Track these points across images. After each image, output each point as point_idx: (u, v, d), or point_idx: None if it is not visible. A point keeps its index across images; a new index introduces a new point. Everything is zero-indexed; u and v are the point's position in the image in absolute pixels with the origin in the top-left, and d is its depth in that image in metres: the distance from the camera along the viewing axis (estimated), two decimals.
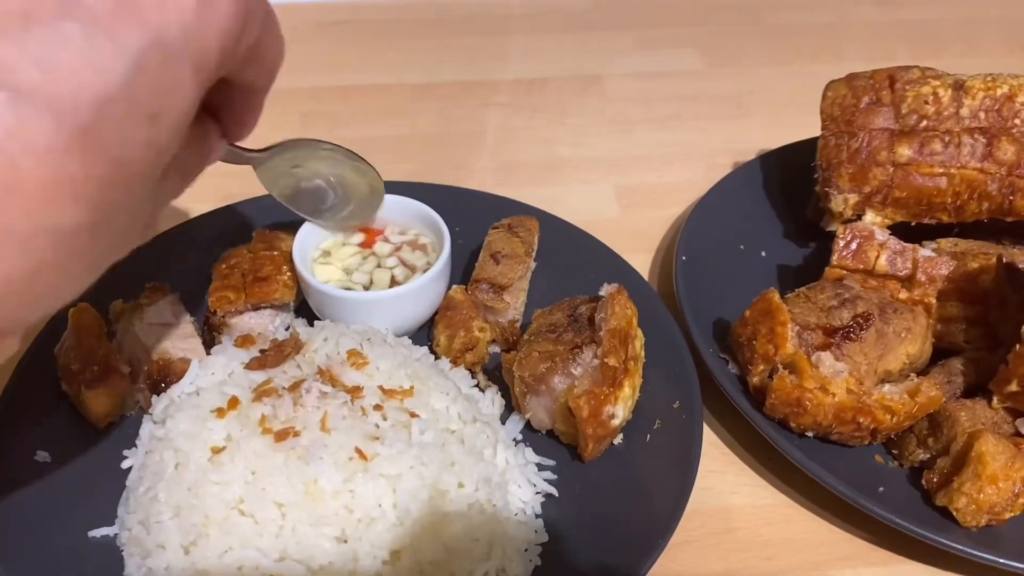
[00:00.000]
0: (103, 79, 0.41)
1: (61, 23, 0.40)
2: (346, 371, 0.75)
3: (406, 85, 1.38)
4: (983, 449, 0.72)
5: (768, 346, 0.80)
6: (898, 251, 0.88)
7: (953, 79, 0.93)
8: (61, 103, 0.40)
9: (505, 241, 0.94)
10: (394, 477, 0.67)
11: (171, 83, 0.44)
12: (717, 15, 1.58)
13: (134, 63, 0.42)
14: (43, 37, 0.40)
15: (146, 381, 0.81)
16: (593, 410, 0.76)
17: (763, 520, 0.81)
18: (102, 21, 0.41)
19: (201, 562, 0.64)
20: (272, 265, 0.89)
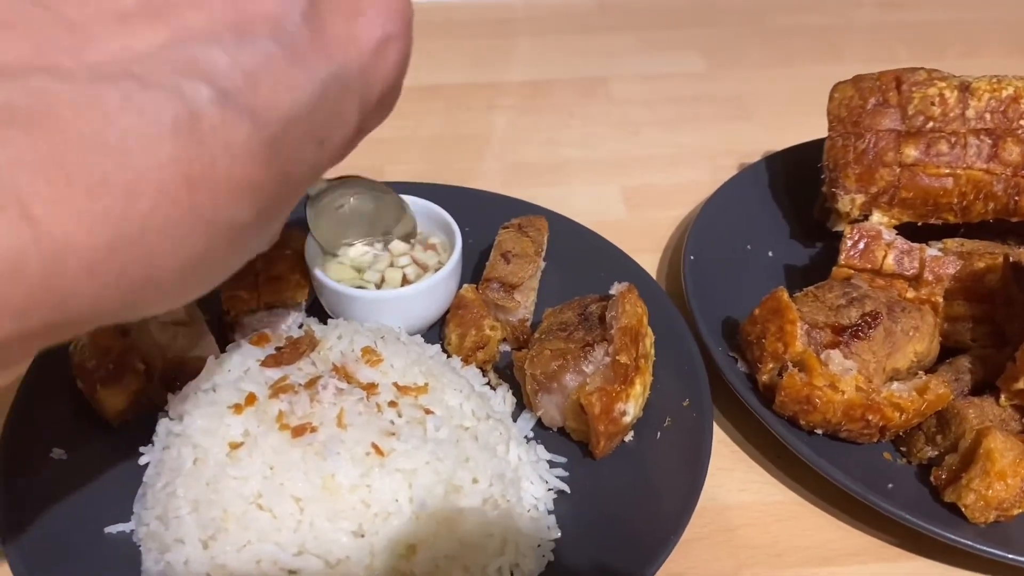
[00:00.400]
0: (294, 98, 0.45)
1: (267, 42, 0.44)
2: (361, 368, 0.76)
3: (412, 86, 1.36)
4: (992, 446, 0.73)
5: (777, 344, 0.81)
6: (905, 251, 0.89)
7: (959, 81, 0.94)
8: (258, 112, 0.43)
9: (515, 241, 0.95)
10: (410, 472, 0.68)
11: (342, 114, 0.49)
12: (718, 17, 1.59)
13: (320, 90, 0.46)
14: (251, 51, 0.43)
15: (160, 379, 0.82)
16: (605, 407, 0.77)
17: (772, 517, 0.82)
18: (300, 48, 0.45)
19: (220, 556, 0.64)
20: (285, 264, 0.90)
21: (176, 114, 0.40)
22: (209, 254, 0.44)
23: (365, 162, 1.21)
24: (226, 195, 0.42)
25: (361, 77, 0.49)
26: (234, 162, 0.42)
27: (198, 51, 0.42)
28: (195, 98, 0.41)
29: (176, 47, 0.42)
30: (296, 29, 0.45)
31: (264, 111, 0.43)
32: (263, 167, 0.44)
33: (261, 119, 0.43)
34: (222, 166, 0.42)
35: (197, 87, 0.41)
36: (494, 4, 1.60)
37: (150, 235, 0.40)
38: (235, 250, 0.47)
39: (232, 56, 0.43)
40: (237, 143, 0.42)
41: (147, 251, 0.40)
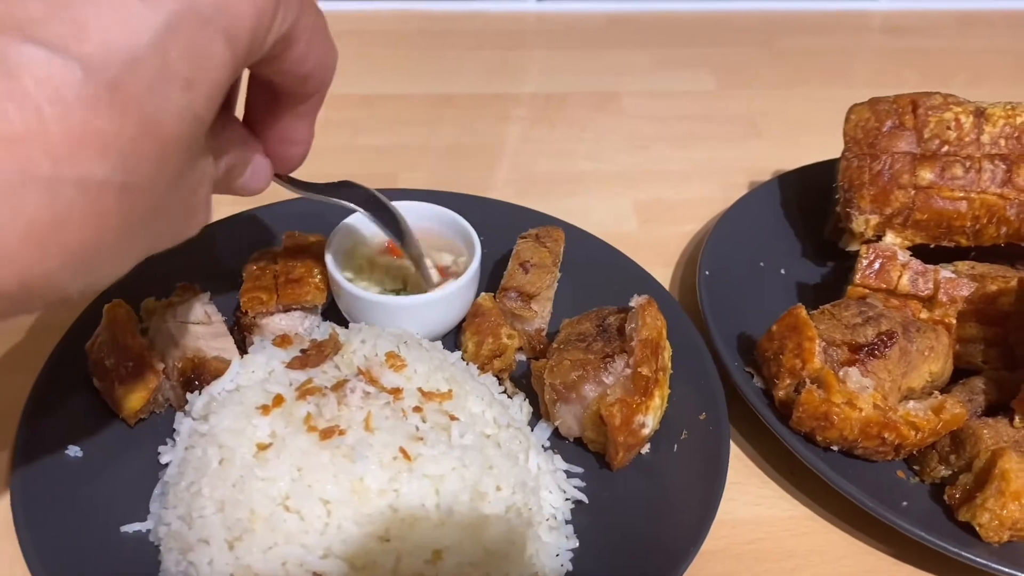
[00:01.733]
0: (134, 37, 0.42)
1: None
2: (385, 373, 0.76)
3: (426, 96, 1.40)
4: (1007, 467, 0.74)
5: (795, 361, 0.82)
6: (920, 272, 0.90)
7: (974, 106, 0.96)
8: (91, 57, 0.40)
9: (533, 251, 0.95)
10: (437, 478, 0.68)
11: (204, 50, 0.45)
12: (729, 37, 1.61)
13: (166, 25, 0.43)
14: None
15: (178, 379, 0.82)
16: (625, 418, 0.77)
17: (786, 532, 0.83)
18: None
19: (245, 557, 0.64)
20: (304, 267, 0.90)
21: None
22: (70, 217, 0.41)
23: (380, 169, 1.23)
24: (65, 149, 0.40)
25: (220, 8, 0.45)
26: (67, 113, 0.40)
27: (11, 3, 0.40)
28: (8, 53, 0.39)
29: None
30: None
31: (98, 55, 0.41)
32: (106, 114, 0.41)
33: (95, 64, 0.41)
34: (53, 118, 0.39)
35: (11, 40, 0.39)
36: (508, 16, 1.61)
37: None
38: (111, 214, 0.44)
39: (53, 7, 0.40)
40: (68, 93, 0.40)
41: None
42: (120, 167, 0.42)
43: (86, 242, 0.43)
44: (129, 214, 0.45)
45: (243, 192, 0.66)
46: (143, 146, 0.43)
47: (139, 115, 0.43)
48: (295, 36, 0.54)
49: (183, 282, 0.90)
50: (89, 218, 0.42)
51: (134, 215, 0.45)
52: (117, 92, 0.41)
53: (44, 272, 0.42)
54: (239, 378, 0.77)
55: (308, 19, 0.54)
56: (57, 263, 0.42)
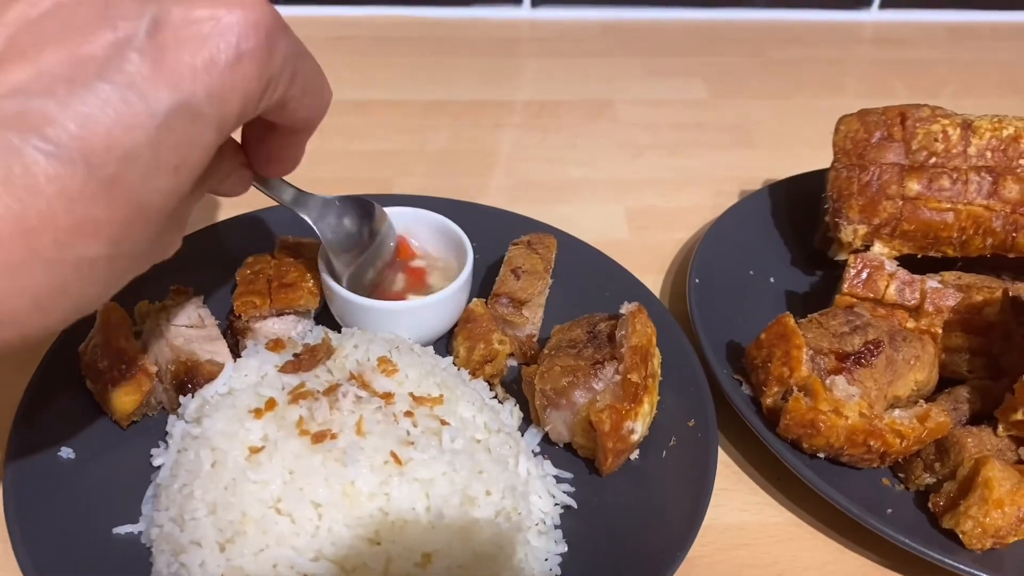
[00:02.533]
0: (132, 136, 0.47)
1: (100, 85, 0.46)
2: (377, 377, 0.76)
3: (419, 102, 1.40)
4: (990, 475, 0.75)
5: (783, 368, 0.83)
6: (907, 282, 0.91)
7: (962, 118, 0.97)
8: (92, 156, 0.46)
9: (525, 257, 0.96)
10: (427, 482, 0.69)
11: (194, 140, 0.51)
12: (721, 47, 1.62)
13: (162, 124, 0.48)
14: (83, 97, 0.46)
15: (171, 381, 0.82)
16: (614, 424, 0.78)
17: (772, 538, 0.84)
18: (138, 84, 0.48)
19: (236, 559, 0.65)
20: (297, 272, 0.91)
21: (6, 169, 0.44)
22: (67, 286, 0.49)
23: (374, 175, 1.24)
24: (68, 236, 0.47)
25: (211, 101, 0.50)
26: (72, 205, 0.46)
27: (28, 104, 0.46)
28: (26, 151, 0.45)
29: (4, 103, 0.46)
30: (133, 66, 0.48)
31: (100, 153, 0.46)
32: (103, 205, 0.47)
33: (97, 161, 0.46)
34: (59, 211, 0.46)
35: (27, 140, 0.45)
36: (501, 24, 1.62)
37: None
38: (100, 278, 0.51)
39: (63, 104, 0.46)
40: (73, 188, 0.46)
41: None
42: (111, 244, 0.49)
43: (77, 303, 0.51)
44: (116, 274, 0.53)
45: (221, 195, 0.72)
46: (132, 225, 0.50)
47: (130, 202, 0.49)
48: (286, 101, 0.58)
49: (177, 285, 0.91)
50: (82, 287, 0.50)
51: (120, 273, 0.53)
52: (113, 185, 0.47)
53: (42, 328, 0.50)
54: (232, 381, 0.78)
55: (299, 82, 0.58)
56: (54, 321, 0.51)
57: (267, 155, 0.69)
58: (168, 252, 0.62)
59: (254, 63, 0.51)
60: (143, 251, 0.54)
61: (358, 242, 0.88)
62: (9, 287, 0.46)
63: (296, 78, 0.57)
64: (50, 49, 0.47)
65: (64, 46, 0.47)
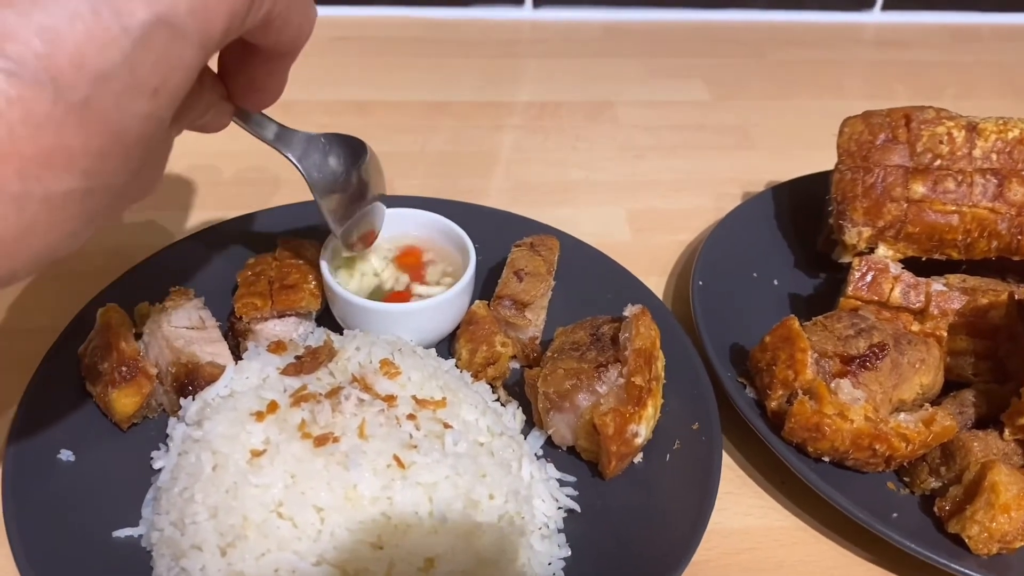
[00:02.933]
0: (105, 54, 0.42)
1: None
2: (379, 380, 0.76)
3: (420, 103, 1.40)
4: (997, 479, 0.75)
5: (788, 372, 0.82)
6: (912, 284, 0.91)
7: (967, 121, 0.96)
8: (62, 76, 0.41)
9: (528, 259, 0.96)
10: (430, 486, 0.68)
11: (174, 59, 0.46)
12: (722, 48, 1.62)
13: (139, 40, 0.43)
14: (50, 11, 0.41)
15: (172, 384, 0.82)
16: (618, 428, 0.77)
17: (776, 542, 0.83)
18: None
19: (238, 563, 0.64)
20: (298, 273, 0.90)
21: None
22: (37, 224, 0.43)
23: None
24: (34, 167, 0.42)
25: (193, 15, 0.45)
26: (38, 132, 0.41)
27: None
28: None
29: None
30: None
31: (68, 73, 0.41)
32: (75, 131, 0.42)
33: (65, 82, 0.41)
34: (23, 139, 0.41)
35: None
36: (503, 25, 1.61)
37: None
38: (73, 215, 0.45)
39: (24, 16, 0.41)
40: (39, 112, 0.41)
41: None
42: (85, 177, 0.44)
43: (49, 242, 0.46)
44: (91, 211, 0.47)
45: (201, 131, 0.66)
46: (108, 155, 0.45)
47: (106, 128, 0.44)
48: (270, 20, 0.53)
49: (177, 287, 0.90)
50: (53, 225, 0.45)
51: (96, 211, 0.47)
52: (86, 109, 0.42)
53: (8, 272, 0.45)
54: (233, 384, 0.77)
55: (282, 2, 0.53)
56: (20, 264, 0.45)
57: (248, 83, 0.64)
58: (148, 190, 0.56)
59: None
60: (120, 186, 0.48)
61: (345, 183, 0.82)
62: None
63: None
64: None
65: None
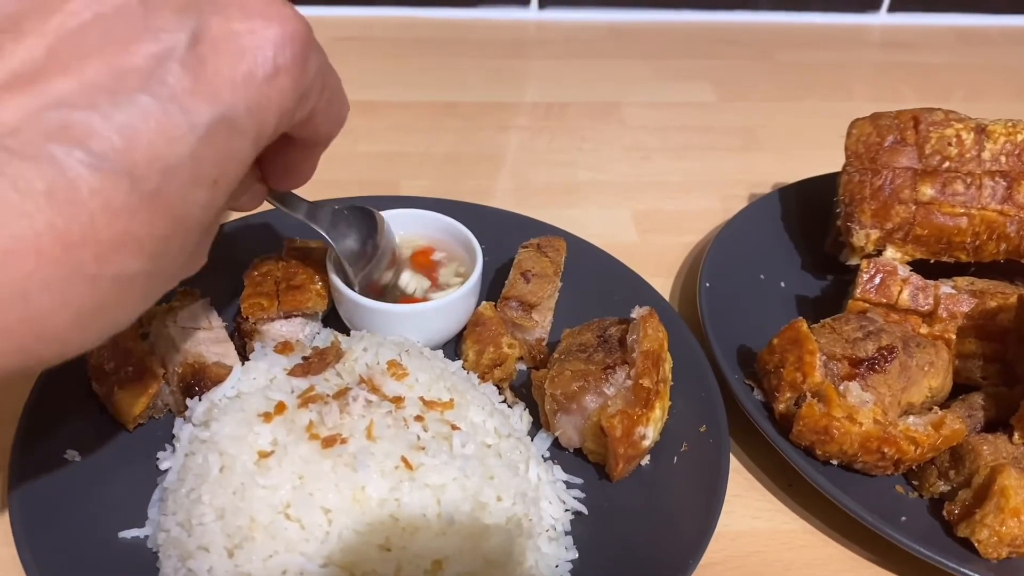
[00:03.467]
0: (174, 149, 0.46)
1: (143, 97, 0.46)
2: (387, 381, 0.76)
3: (426, 103, 1.40)
4: (1006, 483, 0.74)
5: (796, 374, 0.82)
6: (920, 287, 0.91)
7: (975, 123, 0.96)
8: (136, 168, 0.45)
9: (535, 260, 0.96)
10: (438, 487, 0.68)
11: (233, 153, 0.50)
12: (728, 50, 1.61)
13: (203, 137, 0.47)
14: (127, 108, 0.45)
15: (178, 384, 0.81)
16: (626, 430, 0.77)
17: (784, 545, 0.83)
18: (179, 97, 0.47)
19: (245, 565, 0.64)
20: (305, 274, 0.90)
21: (50, 182, 0.42)
22: (106, 303, 0.47)
23: (381, 176, 1.23)
24: (110, 251, 0.45)
25: (250, 114, 0.50)
26: (114, 219, 0.45)
27: (72, 116, 0.44)
28: (69, 164, 0.43)
29: (48, 114, 0.44)
30: (174, 79, 0.47)
31: (142, 166, 0.45)
32: (146, 219, 0.46)
33: (139, 174, 0.45)
34: (102, 225, 0.44)
35: (71, 153, 0.43)
36: (509, 25, 1.61)
37: (33, 296, 0.43)
38: (137, 294, 0.50)
39: (106, 116, 0.45)
40: (116, 202, 0.44)
41: (32, 310, 0.44)
42: (150, 260, 0.48)
43: (115, 321, 0.50)
44: (152, 291, 0.52)
45: (239, 210, 0.72)
46: (171, 240, 0.49)
47: (171, 216, 0.48)
48: (313, 115, 0.58)
49: (184, 287, 0.90)
50: (121, 304, 0.49)
51: (156, 290, 0.52)
52: (155, 199, 0.46)
53: (80, 345, 0.49)
54: (240, 385, 0.77)
55: (327, 95, 0.58)
56: (91, 338, 0.49)
57: (283, 168, 0.69)
58: (195, 268, 0.61)
59: (290, 77, 0.51)
60: (178, 267, 0.53)
61: (364, 253, 0.87)
62: (51, 303, 0.45)
63: (324, 91, 0.57)
64: (91, 60, 0.46)
65: (105, 57, 0.46)
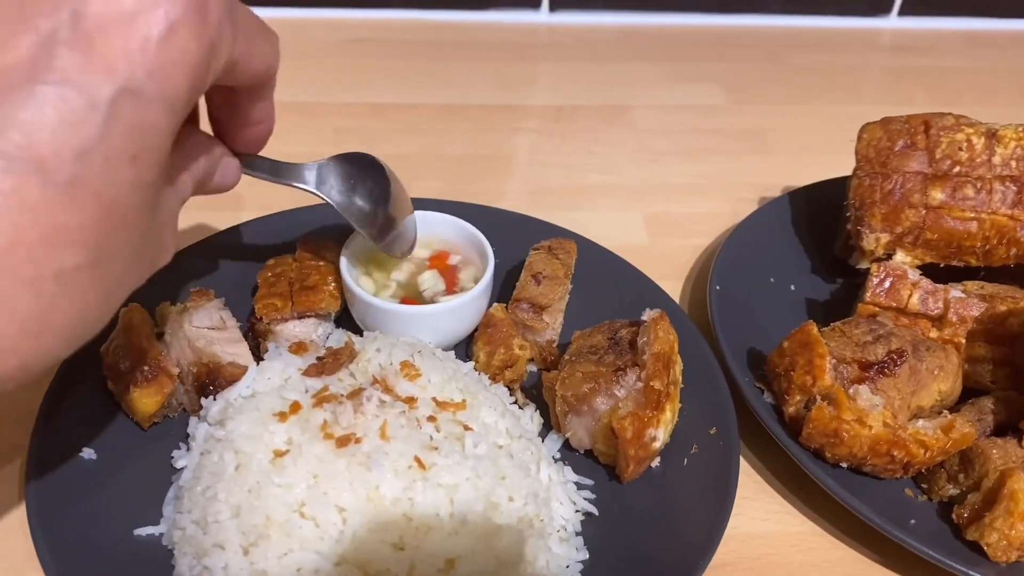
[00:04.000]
0: (80, 133, 0.45)
1: (34, 88, 0.45)
2: (400, 382, 0.76)
3: (436, 105, 1.40)
4: (1016, 487, 0.74)
5: (806, 377, 0.83)
6: (930, 291, 0.91)
7: (986, 127, 0.96)
8: (44, 162, 0.44)
9: (546, 262, 0.96)
10: (451, 487, 0.69)
11: (146, 123, 0.48)
12: (738, 53, 1.62)
13: (108, 114, 0.46)
14: (21, 103, 0.44)
15: (193, 383, 0.82)
16: (636, 432, 0.78)
17: (794, 547, 0.83)
18: (72, 78, 0.45)
19: (260, 563, 0.65)
20: (318, 275, 0.91)
21: None
22: (56, 304, 0.46)
23: None
24: (41, 249, 0.45)
25: (153, 79, 0.48)
26: (36, 217, 0.44)
27: None
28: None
29: None
30: (63, 62, 0.45)
31: (51, 158, 0.44)
32: (70, 209, 0.45)
33: (50, 166, 0.44)
34: (25, 225, 0.44)
35: None
36: (519, 28, 1.62)
37: None
38: (88, 289, 0.48)
39: (2, 116, 0.44)
40: (33, 199, 0.44)
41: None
42: (88, 249, 0.47)
43: (72, 318, 0.49)
44: (105, 282, 0.50)
45: (216, 191, 0.69)
46: (105, 225, 0.48)
47: (96, 200, 0.47)
48: (235, 62, 0.55)
49: (198, 287, 0.91)
50: (72, 300, 0.48)
51: (111, 281, 0.51)
52: (73, 187, 0.45)
53: (40, 352, 0.48)
54: (256, 384, 0.78)
55: (242, 36, 0.55)
56: (50, 342, 0.48)
57: (241, 123, 0.66)
58: (161, 257, 0.59)
59: (189, 31, 0.49)
60: (130, 255, 0.51)
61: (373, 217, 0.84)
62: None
63: (238, 33, 0.54)
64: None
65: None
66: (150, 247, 0.55)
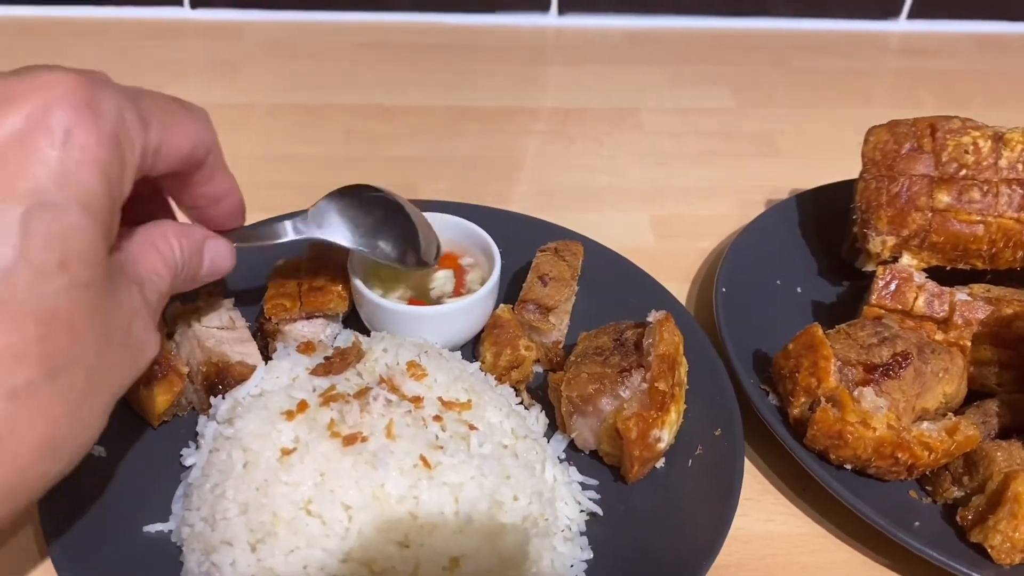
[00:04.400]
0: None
1: None
2: (406, 381, 0.77)
3: (445, 108, 1.41)
4: (1020, 489, 0.74)
5: (811, 379, 0.83)
6: (936, 294, 0.91)
7: (993, 131, 0.96)
8: None
9: (552, 264, 0.97)
10: (456, 486, 0.69)
11: (64, 230, 0.48)
12: (747, 55, 1.62)
13: (21, 231, 0.46)
14: None
15: (202, 382, 0.83)
16: (641, 432, 0.78)
17: (798, 549, 0.83)
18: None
19: (267, 559, 0.65)
20: (327, 275, 0.92)
21: None
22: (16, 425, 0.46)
23: (400, 180, 1.25)
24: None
25: (61, 186, 0.48)
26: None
27: None
28: None
29: None
30: None
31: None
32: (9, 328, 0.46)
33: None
34: None
35: None
36: (527, 31, 1.62)
37: None
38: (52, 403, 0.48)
39: None
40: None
41: None
42: (38, 362, 0.47)
43: (42, 433, 0.48)
44: (70, 392, 0.49)
45: (213, 277, 0.70)
46: (50, 334, 0.47)
47: (31, 314, 0.46)
48: (157, 149, 0.55)
49: (208, 288, 0.91)
50: (34, 415, 0.47)
51: (76, 391, 0.50)
52: (5, 307, 0.45)
53: (18, 471, 0.47)
54: (264, 383, 0.79)
55: (154, 121, 0.54)
56: (26, 460, 0.48)
57: (206, 205, 0.67)
58: (144, 354, 0.59)
59: (86, 130, 0.49)
60: (94, 359, 0.51)
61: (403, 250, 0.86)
62: None
63: (149, 119, 0.54)
64: None
65: None
66: (119, 346, 0.55)
